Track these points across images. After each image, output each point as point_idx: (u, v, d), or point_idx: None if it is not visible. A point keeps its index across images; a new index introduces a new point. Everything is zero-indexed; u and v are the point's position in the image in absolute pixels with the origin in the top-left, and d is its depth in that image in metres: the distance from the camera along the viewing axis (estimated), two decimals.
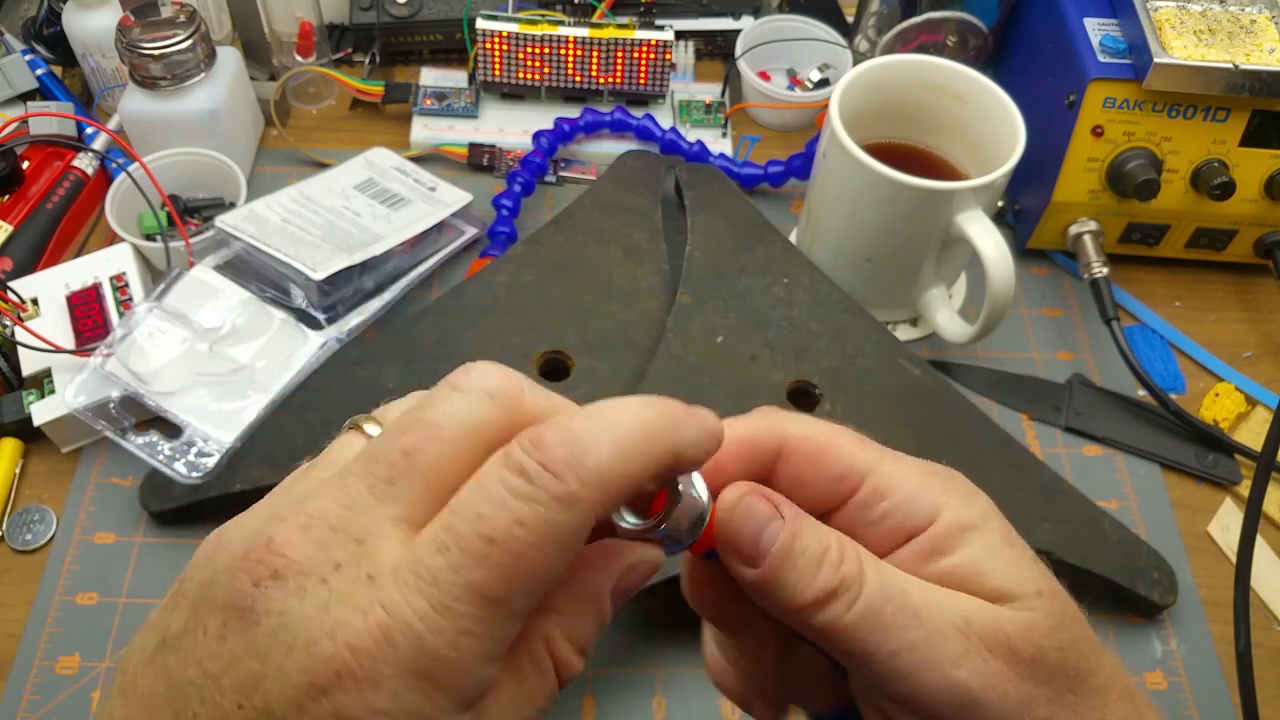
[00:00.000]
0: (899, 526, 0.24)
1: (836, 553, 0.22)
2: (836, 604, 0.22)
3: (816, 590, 0.22)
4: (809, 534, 0.23)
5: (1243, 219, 0.55)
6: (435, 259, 0.54)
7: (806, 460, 0.24)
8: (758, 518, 0.23)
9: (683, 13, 0.67)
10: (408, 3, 0.64)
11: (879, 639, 0.22)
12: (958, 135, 0.52)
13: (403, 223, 0.53)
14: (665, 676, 0.42)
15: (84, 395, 0.45)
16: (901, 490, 0.24)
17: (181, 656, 0.20)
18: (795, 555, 0.22)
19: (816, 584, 0.22)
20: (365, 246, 0.50)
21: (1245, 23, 0.51)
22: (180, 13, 0.53)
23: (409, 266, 0.53)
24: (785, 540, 0.22)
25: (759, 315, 0.47)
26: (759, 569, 0.23)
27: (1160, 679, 0.43)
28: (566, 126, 0.60)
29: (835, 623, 0.22)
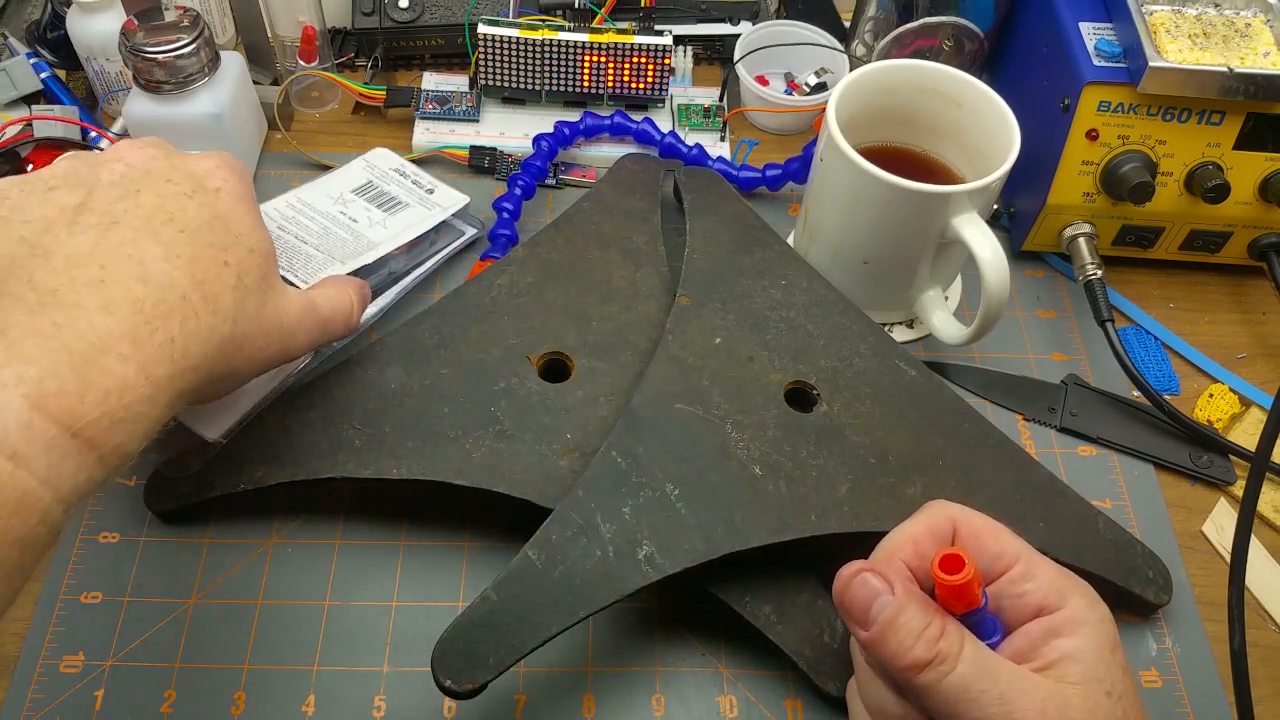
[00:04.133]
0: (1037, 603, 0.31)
1: (936, 630, 0.29)
2: (932, 672, 0.29)
3: (913, 657, 0.29)
4: (914, 610, 0.30)
5: (1237, 221, 0.55)
6: (433, 261, 0.55)
7: (970, 538, 0.32)
8: (870, 590, 0.31)
9: (681, 18, 0.68)
10: (410, 8, 0.65)
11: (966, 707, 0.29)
12: (953, 139, 0.52)
13: (398, 228, 0.53)
14: (665, 676, 0.43)
15: None
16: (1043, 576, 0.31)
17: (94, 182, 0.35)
18: (899, 626, 0.30)
19: (914, 652, 0.29)
20: (359, 254, 0.51)
21: (1240, 26, 0.52)
22: (184, 17, 0.54)
23: (407, 269, 0.53)
24: (891, 612, 0.30)
25: (757, 317, 0.47)
26: (869, 632, 0.30)
27: (1155, 677, 0.44)
28: (566, 130, 0.60)
29: (931, 686, 0.29)
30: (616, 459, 0.41)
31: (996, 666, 0.29)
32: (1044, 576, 0.32)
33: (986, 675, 0.29)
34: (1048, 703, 0.29)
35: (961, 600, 0.31)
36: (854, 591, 0.31)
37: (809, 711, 0.42)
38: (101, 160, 0.36)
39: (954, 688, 0.29)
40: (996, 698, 0.29)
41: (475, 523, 0.46)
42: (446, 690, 0.36)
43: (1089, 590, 0.32)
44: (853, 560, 0.34)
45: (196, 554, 0.45)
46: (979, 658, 0.30)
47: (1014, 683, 0.29)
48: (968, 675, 0.29)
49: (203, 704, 0.41)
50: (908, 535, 0.34)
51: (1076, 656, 0.30)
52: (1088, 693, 0.29)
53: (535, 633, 0.37)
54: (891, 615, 0.30)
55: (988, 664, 0.29)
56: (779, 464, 0.42)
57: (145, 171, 0.35)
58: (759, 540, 0.40)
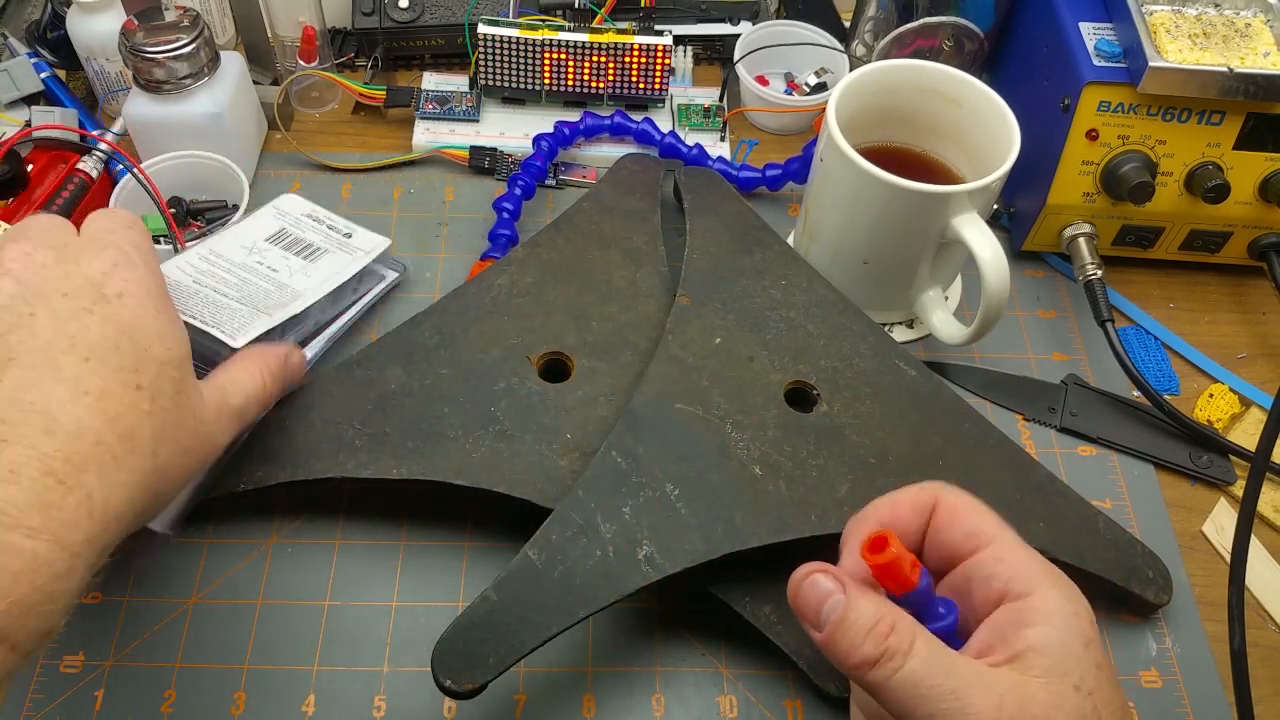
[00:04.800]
0: (1001, 590, 0.30)
1: (886, 626, 0.29)
2: (881, 668, 0.28)
3: (862, 655, 0.29)
4: (863, 607, 0.29)
5: (1237, 221, 0.55)
6: (357, 308, 0.52)
7: (948, 514, 0.32)
8: (820, 591, 0.30)
9: (681, 18, 0.68)
10: (410, 8, 0.65)
11: (916, 703, 0.28)
12: (954, 139, 0.52)
13: (321, 276, 0.50)
14: (665, 676, 0.43)
15: None
16: (1013, 563, 0.30)
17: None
18: (848, 625, 0.29)
19: (863, 649, 0.29)
20: (285, 305, 0.47)
21: (1240, 26, 0.52)
22: (184, 17, 0.54)
23: (330, 319, 0.51)
24: (841, 612, 0.29)
25: (757, 317, 0.47)
26: (821, 633, 0.30)
27: (1155, 677, 0.44)
28: (567, 130, 0.60)
29: (882, 683, 0.28)
30: (616, 459, 0.41)
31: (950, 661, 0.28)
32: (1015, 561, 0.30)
33: (938, 670, 0.28)
34: (1006, 696, 0.28)
35: (893, 580, 0.30)
36: (805, 593, 0.31)
37: (809, 711, 0.42)
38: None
39: (904, 683, 0.28)
40: (949, 692, 0.28)
41: (475, 523, 0.46)
42: (446, 690, 0.36)
43: (1065, 581, 0.31)
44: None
45: (196, 554, 0.45)
46: (931, 653, 0.28)
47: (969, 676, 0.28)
48: (918, 670, 0.28)
49: (203, 704, 0.41)
50: (887, 503, 0.33)
51: (1042, 648, 0.28)
52: (1052, 686, 0.28)
53: (535, 633, 0.37)
54: (841, 615, 0.29)
55: (940, 659, 0.28)
56: (779, 464, 0.42)
57: (37, 288, 0.31)
58: (759, 540, 0.40)
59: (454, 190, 0.61)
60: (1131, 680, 0.44)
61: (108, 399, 0.30)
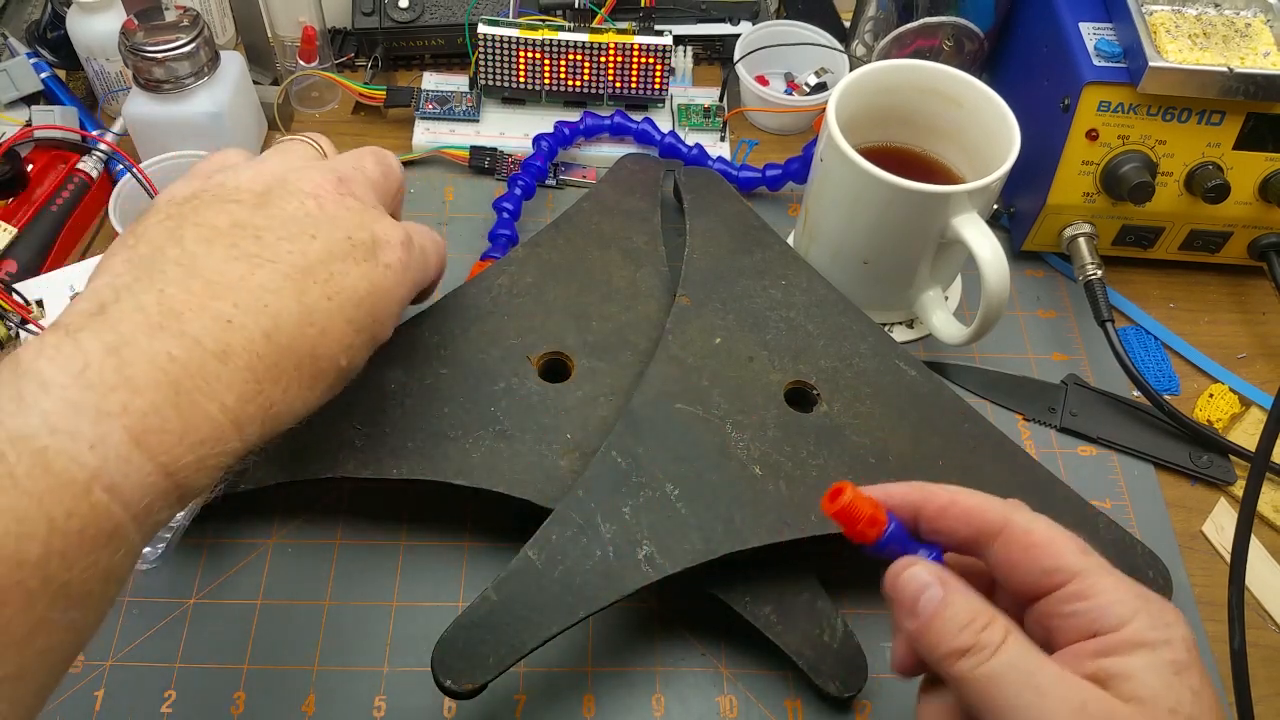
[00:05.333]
0: (1088, 625, 0.29)
1: (983, 621, 0.29)
2: (968, 659, 0.28)
3: (951, 646, 0.29)
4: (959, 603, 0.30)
5: (1237, 221, 0.55)
6: None
7: (1022, 549, 0.30)
8: (919, 583, 0.31)
9: (681, 18, 0.68)
10: (410, 8, 0.65)
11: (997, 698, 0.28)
12: (953, 139, 0.52)
13: None
14: (665, 676, 0.43)
15: None
16: (1101, 598, 0.29)
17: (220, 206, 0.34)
18: (945, 617, 0.29)
19: (954, 642, 0.29)
20: None
21: (1240, 26, 0.52)
22: (184, 17, 0.54)
23: None
24: (938, 605, 0.30)
25: (757, 317, 0.47)
26: (916, 623, 0.30)
27: None
28: (567, 130, 0.60)
29: (965, 674, 0.28)
30: (616, 459, 0.41)
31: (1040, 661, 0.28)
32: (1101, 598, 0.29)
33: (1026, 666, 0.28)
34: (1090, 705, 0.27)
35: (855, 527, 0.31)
36: (904, 584, 0.31)
37: (809, 711, 0.42)
38: (302, 184, 0.35)
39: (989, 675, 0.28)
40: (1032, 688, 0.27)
41: (475, 523, 0.46)
42: (446, 690, 0.36)
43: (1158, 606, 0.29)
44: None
45: (196, 554, 0.45)
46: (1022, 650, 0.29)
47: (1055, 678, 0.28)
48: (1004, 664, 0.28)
49: (203, 704, 0.41)
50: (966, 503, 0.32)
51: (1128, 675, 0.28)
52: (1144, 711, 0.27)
53: (535, 633, 0.37)
54: (937, 607, 0.30)
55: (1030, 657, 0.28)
56: (779, 464, 0.42)
57: (332, 219, 0.35)
58: (759, 540, 0.40)
59: (454, 190, 0.61)
60: None
61: (324, 337, 0.33)
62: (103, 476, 0.27)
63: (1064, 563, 0.30)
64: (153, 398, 0.28)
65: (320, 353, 0.33)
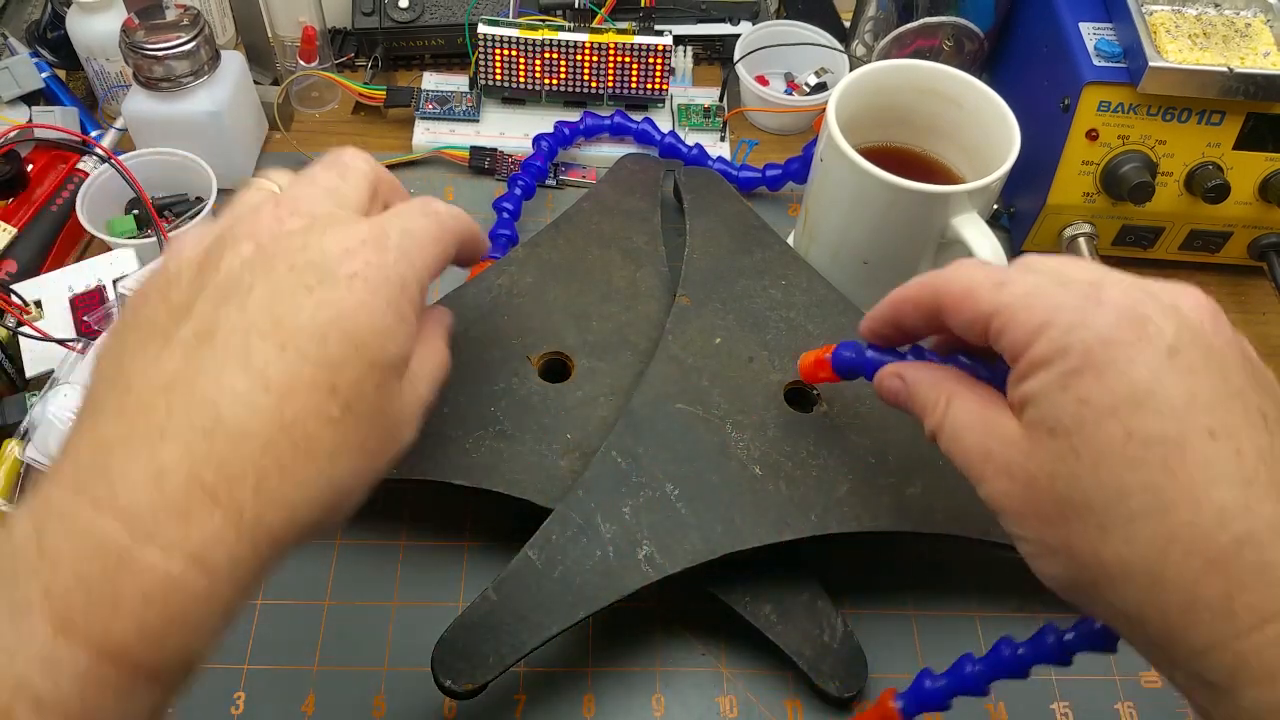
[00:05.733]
0: (1011, 353, 0.29)
1: (935, 394, 0.32)
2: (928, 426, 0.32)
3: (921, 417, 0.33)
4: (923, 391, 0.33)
5: (1237, 221, 0.55)
6: None
7: (955, 312, 0.31)
8: (889, 386, 0.35)
9: (681, 18, 0.68)
10: (410, 8, 0.65)
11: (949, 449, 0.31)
12: (953, 139, 0.52)
13: None
14: (665, 676, 0.43)
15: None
16: (1011, 330, 0.28)
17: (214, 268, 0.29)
18: (914, 401, 0.33)
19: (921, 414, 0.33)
20: None
21: (1240, 26, 0.52)
22: (184, 15, 0.54)
23: None
24: (906, 394, 0.34)
25: (757, 317, 0.47)
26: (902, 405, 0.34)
27: (1155, 678, 0.44)
28: (567, 130, 0.60)
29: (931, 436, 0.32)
30: (616, 459, 0.41)
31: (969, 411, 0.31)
32: (1011, 329, 0.28)
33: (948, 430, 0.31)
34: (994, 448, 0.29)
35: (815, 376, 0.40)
36: (882, 392, 0.35)
37: (809, 711, 0.42)
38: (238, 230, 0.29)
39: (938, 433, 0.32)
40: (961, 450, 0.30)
41: (475, 523, 0.46)
42: (446, 690, 0.36)
43: (1077, 314, 0.27)
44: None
45: None
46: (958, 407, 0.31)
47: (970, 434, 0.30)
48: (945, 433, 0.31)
49: (203, 704, 0.41)
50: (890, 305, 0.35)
51: (1028, 398, 0.28)
52: (1029, 435, 0.28)
53: (535, 633, 0.37)
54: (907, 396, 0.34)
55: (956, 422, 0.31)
56: (779, 464, 0.42)
57: (269, 256, 0.28)
58: (759, 540, 0.40)
59: (454, 190, 0.61)
60: (1131, 680, 0.44)
61: (291, 399, 0.26)
62: (25, 692, 0.22)
63: (981, 309, 0.29)
64: (75, 567, 0.23)
65: (290, 418, 0.26)
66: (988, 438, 0.29)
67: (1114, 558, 0.25)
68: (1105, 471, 0.25)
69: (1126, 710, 0.43)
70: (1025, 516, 0.28)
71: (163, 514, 0.24)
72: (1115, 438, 0.25)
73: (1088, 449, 0.26)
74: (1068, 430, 0.26)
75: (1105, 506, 0.26)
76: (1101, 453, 0.26)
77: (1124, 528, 0.25)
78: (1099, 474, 0.26)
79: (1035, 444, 0.27)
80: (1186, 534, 0.24)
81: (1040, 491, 0.27)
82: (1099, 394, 0.26)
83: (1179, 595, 0.25)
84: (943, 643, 0.44)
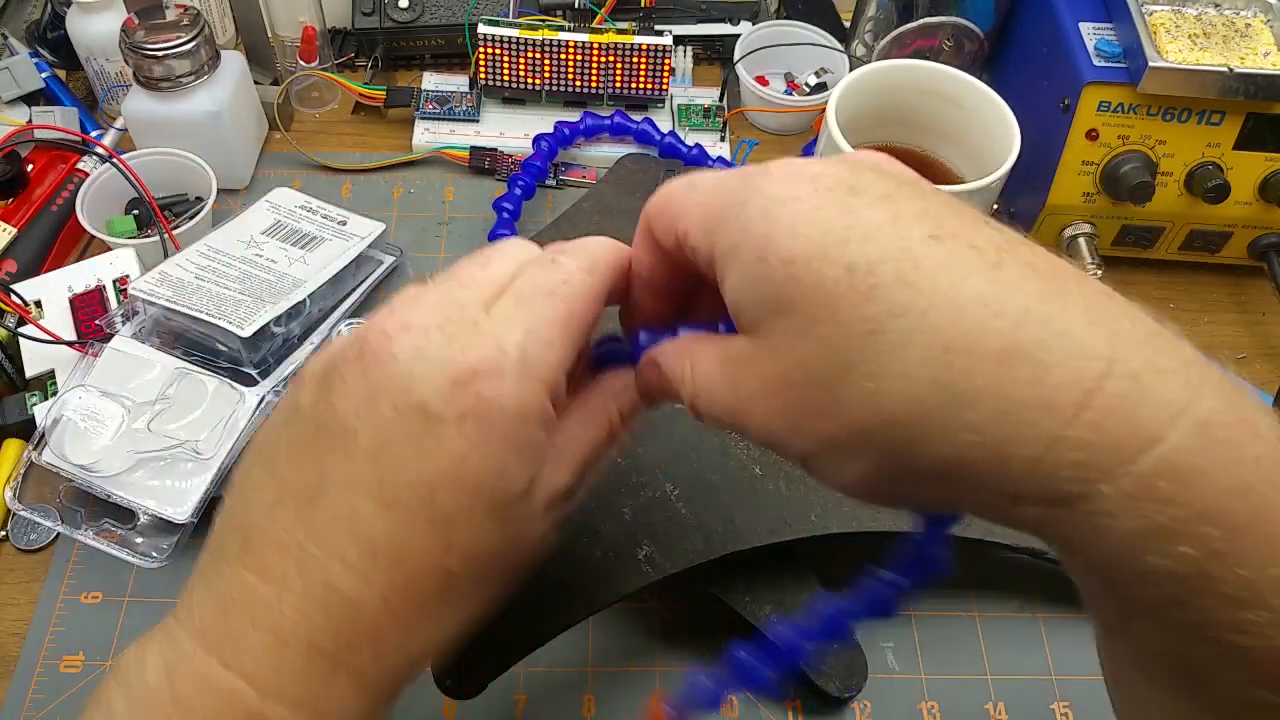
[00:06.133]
0: (704, 259, 0.26)
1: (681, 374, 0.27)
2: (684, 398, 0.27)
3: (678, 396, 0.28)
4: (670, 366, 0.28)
5: (1237, 221, 0.55)
6: (357, 293, 0.52)
7: (656, 227, 0.29)
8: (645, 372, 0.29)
9: (681, 18, 0.68)
10: (410, 8, 0.65)
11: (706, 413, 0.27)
12: (953, 139, 0.52)
13: (319, 263, 0.51)
14: (665, 676, 0.43)
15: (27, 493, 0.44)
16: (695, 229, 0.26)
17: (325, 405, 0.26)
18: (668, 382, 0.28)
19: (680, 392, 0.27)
20: (287, 294, 0.48)
21: (1240, 26, 0.52)
22: (184, 15, 0.54)
23: (332, 305, 0.51)
24: (662, 379, 0.28)
25: None
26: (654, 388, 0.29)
27: None
28: (567, 130, 0.60)
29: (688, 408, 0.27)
30: (616, 459, 0.41)
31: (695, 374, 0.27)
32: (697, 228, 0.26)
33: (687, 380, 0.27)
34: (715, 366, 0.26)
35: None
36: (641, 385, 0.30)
37: (809, 711, 0.42)
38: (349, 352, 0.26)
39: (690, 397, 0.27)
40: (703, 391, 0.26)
41: None
42: (446, 690, 0.36)
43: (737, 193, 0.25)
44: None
45: (196, 555, 0.44)
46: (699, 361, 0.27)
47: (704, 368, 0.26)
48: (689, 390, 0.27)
49: None
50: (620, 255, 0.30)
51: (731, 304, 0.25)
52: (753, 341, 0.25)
53: (535, 633, 0.37)
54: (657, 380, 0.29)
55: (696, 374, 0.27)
56: (779, 464, 0.42)
57: (375, 392, 0.25)
58: (759, 540, 0.40)
59: (454, 190, 0.61)
60: None
61: (402, 564, 0.25)
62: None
63: (672, 213, 0.27)
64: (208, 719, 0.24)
65: (403, 582, 0.25)
66: (733, 374, 0.25)
67: (899, 403, 0.22)
68: (845, 316, 0.22)
69: None
70: (798, 424, 0.24)
71: (287, 677, 0.25)
72: (839, 278, 0.22)
73: (818, 306, 0.22)
74: (790, 301, 0.23)
75: (864, 353, 0.22)
76: (832, 302, 0.22)
77: (893, 363, 0.22)
78: (841, 323, 0.22)
79: (770, 337, 0.24)
80: (959, 336, 0.21)
81: (798, 386, 0.23)
82: (799, 247, 0.23)
83: (986, 405, 0.21)
84: (943, 643, 0.44)
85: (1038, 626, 0.45)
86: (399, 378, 0.25)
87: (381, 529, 0.25)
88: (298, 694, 0.25)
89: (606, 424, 0.30)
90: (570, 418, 0.29)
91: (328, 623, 0.25)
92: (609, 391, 0.30)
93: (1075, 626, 0.45)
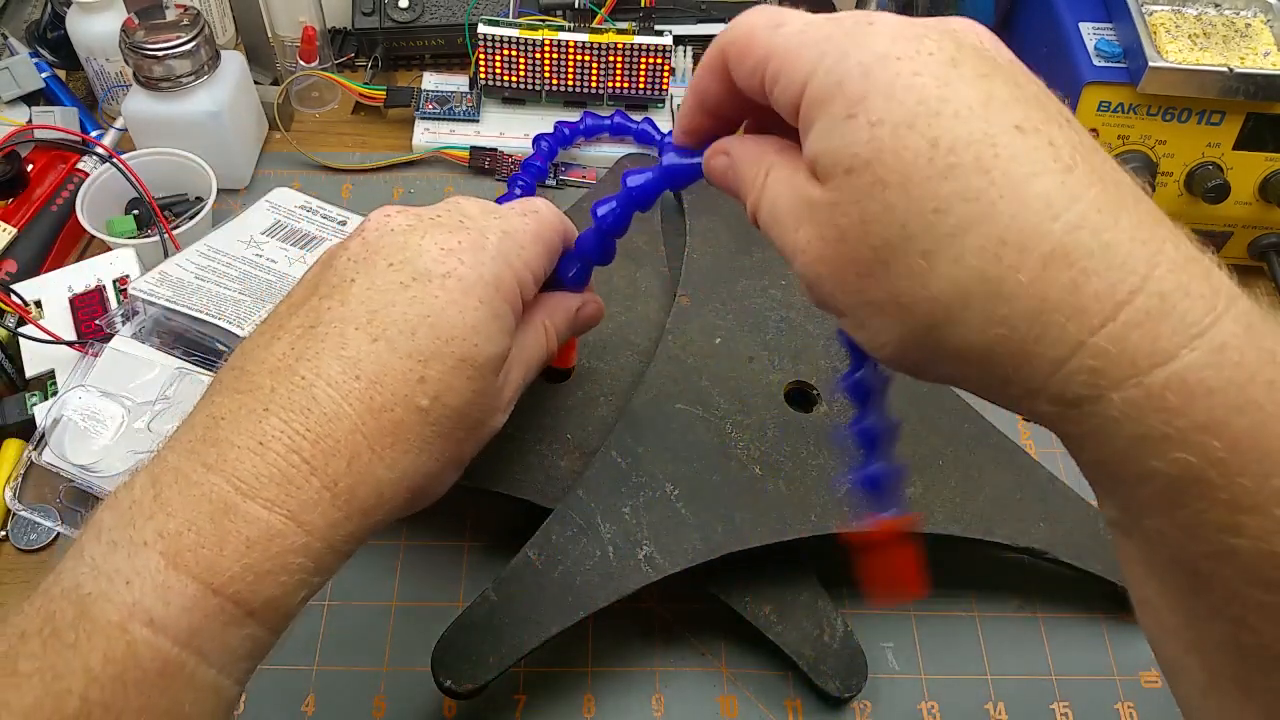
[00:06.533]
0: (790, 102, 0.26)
1: (754, 179, 0.28)
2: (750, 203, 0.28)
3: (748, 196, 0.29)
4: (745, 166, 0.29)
5: (1237, 221, 0.55)
6: None
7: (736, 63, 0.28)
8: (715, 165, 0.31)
9: (681, 18, 0.68)
10: (410, 8, 0.65)
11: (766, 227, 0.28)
12: None
13: None
14: (665, 676, 0.43)
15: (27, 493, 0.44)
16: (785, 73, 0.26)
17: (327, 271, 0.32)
18: (739, 178, 0.29)
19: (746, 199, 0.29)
20: None
21: (1240, 26, 0.52)
22: (184, 15, 0.54)
23: None
24: (732, 172, 0.30)
25: (757, 317, 0.47)
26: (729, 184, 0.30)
27: (1155, 677, 0.44)
28: (566, 130, 0.60)
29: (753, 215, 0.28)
30: (616, 459, 0.41)
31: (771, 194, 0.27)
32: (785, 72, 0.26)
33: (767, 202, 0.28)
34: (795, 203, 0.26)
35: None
36: (709, 174, 0.32)
37: (809, 711, 0.42)
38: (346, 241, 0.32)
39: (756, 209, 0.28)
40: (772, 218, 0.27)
41: (475, 523, 0.46)
42: (446, 690, 0.36)
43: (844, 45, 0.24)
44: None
45: None
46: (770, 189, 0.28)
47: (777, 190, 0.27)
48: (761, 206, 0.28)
49: None
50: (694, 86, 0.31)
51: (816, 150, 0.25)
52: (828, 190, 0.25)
53: (535, 633, 0.37)
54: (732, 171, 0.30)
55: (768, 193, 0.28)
56: (779, 464, 0.42)
57: (374, 250, 0.31)
58: (759, 540, 0.40)
59: (454, 190, 0.61)
60: (1132, 680, 0.44)
61: (379, 388, 0.29)
62: (140, 611, 0.25)
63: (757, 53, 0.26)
64: (185, 515, 0.26)
65: (380, 404, 0.29)
66: (798, 205, 0.26)
67: (946, 284, 0.22)
68: (916, 189, 0.22)
69: (1126, 710, 0.43)
70: (843, 278, 0.24)
71: (265, 477, 0.27)
72: (920, 150, 0.22)
73: (893, 173, 0.23)
74: (866, 161, 0.23)
75: (924, 229, 0.23)
76: (908, 171, 0.23)
77: (949, 245, 0.22)
78: (910, 195, 0.23)
79: (839, 192, 0.24)
80: (1016, 231, 0.22)
81: (853, 244, 0.24)
82: (890, 110, 0.23)
83: (1023, 303, 0.22)
84: (943, 642, 0.44)
85: (1038, 626, 0.45)
86: (395, 244, 0.31)
87: (366, 354, 0.29)
88: (274, 493, 0.27)
89: (542, 331, 0.36)
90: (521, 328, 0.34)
91: (307, 430, 0.28)
92: (543, 307, 0.36)
93: (1075, 626, 0.45)
